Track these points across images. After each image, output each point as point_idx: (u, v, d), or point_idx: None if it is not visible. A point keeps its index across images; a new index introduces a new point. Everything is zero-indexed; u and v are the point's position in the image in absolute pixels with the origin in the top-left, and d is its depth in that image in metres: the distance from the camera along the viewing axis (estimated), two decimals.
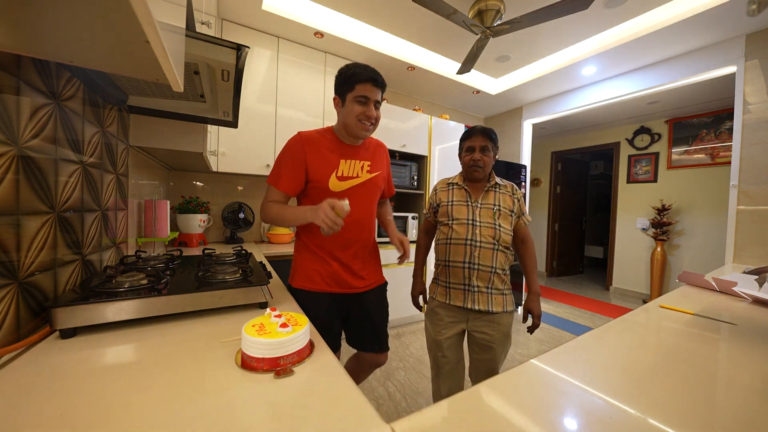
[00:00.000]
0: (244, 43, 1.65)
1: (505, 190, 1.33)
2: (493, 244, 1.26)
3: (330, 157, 1.17)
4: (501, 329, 1.28)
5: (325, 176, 1.15)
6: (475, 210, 1.30)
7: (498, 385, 0.56)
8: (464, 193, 1.34)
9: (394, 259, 2.76)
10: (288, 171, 1.15)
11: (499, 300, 1.28)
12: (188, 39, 0.88)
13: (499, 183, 1.35)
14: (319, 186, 1.16)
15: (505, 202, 1.31)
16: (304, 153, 1.14)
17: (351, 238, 1.20)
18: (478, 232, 1.27)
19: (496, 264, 1.26)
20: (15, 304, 0.64)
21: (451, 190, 1.38)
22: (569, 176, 5.51)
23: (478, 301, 1.27)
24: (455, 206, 1.33)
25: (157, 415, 0.44)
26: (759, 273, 1.25)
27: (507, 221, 1.29)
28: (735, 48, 2.35)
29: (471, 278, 1.27)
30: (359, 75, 1.10)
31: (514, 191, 1.34)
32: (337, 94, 1.17)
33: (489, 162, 1.30)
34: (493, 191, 1.32)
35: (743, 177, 2.29)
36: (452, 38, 2.64)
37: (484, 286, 1.27)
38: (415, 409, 1.81)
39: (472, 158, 1.30)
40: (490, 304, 1.27)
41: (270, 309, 0.69)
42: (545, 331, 3.03)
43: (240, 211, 2.54)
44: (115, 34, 0.49)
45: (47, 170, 0.74)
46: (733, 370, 0.66)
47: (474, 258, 1.26)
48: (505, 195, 1.32)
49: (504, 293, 1.29)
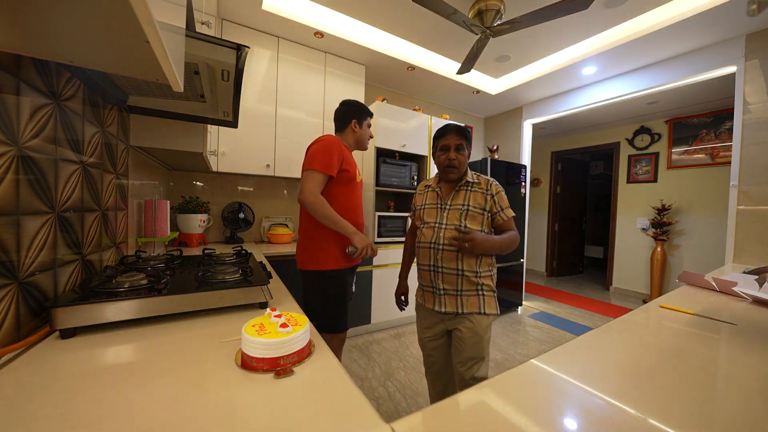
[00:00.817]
0: (244, 43, 1.65)
1: (478, 187, 1.27)
2: (456, 247, 1.21)
3: (352, 157, 1.56)
4: (473, 328, 1.23)
5: (354, 169, 1.54)
6: (443, 212, 1.29)
7: (498, 385, 0.56)
8: (435, 196, 1.34)
9: (394, 259, 2.80)
10: (336, 161, 1.43)
11: (472, 301, 1.23)
12: (188, 39, 0.88)
13: (471, 180, 1.28)
14: (350, 176, 1.49)
15: (475, 200, 1.25)
16: (342, 151, 1.46)
17: (360, 222, 1.57)
18: (442, 234, 1.25)
19: (464, 266, 1.22)
20: (15, 304, 0.64)
21: (426, 193, 1.39)
22: (569, 176, 5.51)
23: (445, 303, 1.26)
24: (426, 209, 1.35)
25: (157, 415, 0.44)
26: (759, 273, 1.25)
27: (475, 221, 1.23)
28: (735, 48, 2.35)
29: (437, 281, 1.26)
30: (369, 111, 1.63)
31: (488, 187, 1.26)
32: (356, 119, 1.59)
33: (464, 161, 1.27)
34: (464, 190, 1.28)
35: (743, 177, 2.29)
36: (452, 38, 2.64)
37: (452, 289, 1.24)
38: (415, 409, 1.81)
39: (447, 157, 1.26)
40: (460, 305, 1.24)
41: (270, 309, 0.69)
42: (545, 331, 3.03)
43: (240, 211, 2.54)
44: (115, 34, 0.49)
45: (47, 170, 0.74)
46: (733, 370, 0.66)
47: (437, 261, 1.25)
48: (477, 193, 1.26)
49: (480, 294, 1.24)
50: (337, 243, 1.46)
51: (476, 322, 1.23)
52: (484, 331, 1.23)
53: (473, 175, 1.31)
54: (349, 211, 1.49)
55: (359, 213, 1.57)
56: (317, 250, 1.46)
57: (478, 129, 4.53)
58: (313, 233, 1.47)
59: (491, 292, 1.27)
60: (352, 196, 1.53)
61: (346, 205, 1.48)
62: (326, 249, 1.45)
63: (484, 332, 1.24)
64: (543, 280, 5.22)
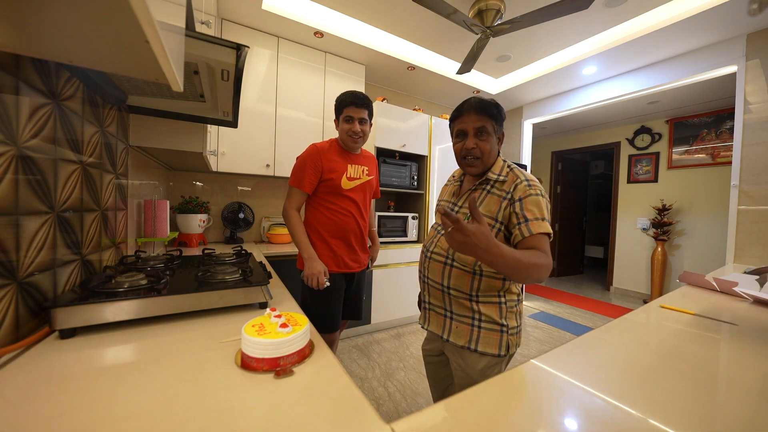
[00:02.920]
0: (244, 42, 1.65)
1: (499, 187, 0.92)
2: (444, 257, 0.97)
3: (340, 162, 1.49)
4: (464, 368, 0.94)
5: (338, 177, 1.46)
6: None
7: (498, 385, 0.56)
8: (452, 192, 1.09)
9: (394, 259, 2.80)
10: (309, 175, 1.43)
11: (462, 330, 0.94)
12: (188, 39, 0.88)
13: (493, 178, 0.94)
14: (333, 184, 1.46)
15: (488, 205, 0.92)
16: (320, 160, 1.44)
17: (354, 225, 1.52)
18: (436, 241, 1.02)
19: (449, 282, 0.95)
20: (14, 304, 0.63)
21: (450, 185, 1.14)
22: (569, 176, 5.51)
23: (429, 320, 1.05)
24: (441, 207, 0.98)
25: (156, 415, 0.44)
26: (760, 273, 1.25)
27: None
28: (736, 47, 2.35)
29: (423, 291, 1.08)
30: (344, 100, 1.46)
31: (513, 188, 0.89)
32: (336, 117, 1.52)
33: (489, 149, 0.92)
34: (481, 190, 0.96)
35: (744, 177, 2.28)
36: (452, 38, 2.64)
37: (439, 307, 1.00)
38: (415, 409, 1.81)
39: (463, 147, 0.94)
40: (446, 331, 0.97)
41: (270, 309, 0.69)
42: (545, 331, 3.02)
43: (240, 211, 2.54)
44: (114, 33, 0.49)
45: (46, 170, 0.74)
46: (733, 371, 0.66)
47: (425, 269, 1.04)
48: (494, 195, 0.92)
49: (476, 325, 0.92)
50: (320, 247, 1.47)
51: (467, 362, 0.94)
52: (477, 375, 0.92)
53: (502, 169, 0.95)
54: (338, 222, 1.47)
55: (352, 222, 1.51)
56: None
57: None
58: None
59: (493, 326, 0.91)
60: (344, 204, 1.49)
61: (334, 217, 1.47)
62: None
63: (478, 377, 0.91)
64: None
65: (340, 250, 1.50)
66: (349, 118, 1.45)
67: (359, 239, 1.56)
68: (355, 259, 1.56)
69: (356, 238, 1.54)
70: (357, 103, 1.44)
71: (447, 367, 1.10)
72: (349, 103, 1.45)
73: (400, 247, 2.87)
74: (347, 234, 1.50)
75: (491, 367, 0.92)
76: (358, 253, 1.57)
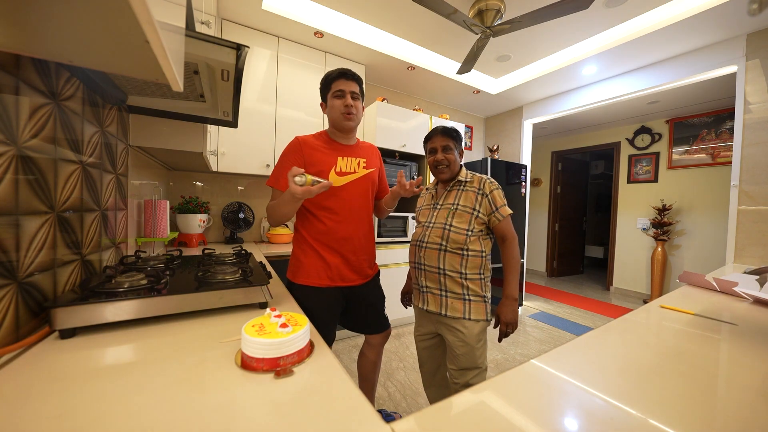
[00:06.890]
0: (244, 42, 1.65)
1: (470, 186, 1.25)
2: (439, 244, 1.22)
3: (328, 155, 1.26)
4: (462, 338, 1.19)
5: (324, 172, 1.24)
6: (435, 212, 1.31)
7: (498, 385, 0.56)
8: (430, 197, 1.38)
9: (394, 259, 2.80)
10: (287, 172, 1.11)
11: (457, 305, 1.20)
12: (188, 39, 0.88)
13: (463, 180, 1.28)
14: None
15: (466, 199, 1.24)
16: (302, 154, 1.23)
17: (350, 231, 1.27)
18: (428, 233, 1.27)
19: (445, 266, 1.21)
20: (14, 305, 0.63)
21: (425, 195, 1.44)
22: (569, 176, 5.51)
23: (428, 301, 1.27)
24: (422, 210, 1.39)
25: (156, 415, 0.44)
26: (760, 273, 1.25)
27: (462, 220, 1.21)
28: (736, 47, 2.35)
29: (420, 278, 1.30)
30: (331, 74, 1.26)
31: (481, 186, 1.23)
32: (322, 100, 1.31)
33: (453, 160, 1.27)
34: (456, 190, 1.28)
35: (744, 177, 2.28)
36: (452, 38, 2.64)
37: (436, 288, 1.24)
38: (415, 409, 1.81)
39: (435, 159, 1.28)
40: (443, 307, 1.22)
41: (270, 309, 0.69)
42: (545, 331, 3.02)
43: (240, 211, 2.54)
44: (114, 33, 0.49)
45: (46, 170, 0.74)
46: (733, 371, 0.66)
47: (420, 258, 1.28)
48: (468, 192, 1.25)
49: (467, 299, 1.20)
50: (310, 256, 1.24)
51: (465, 331, 1.19)
52: (474, 339, 1.19)
53: (467, 174, 1.30)
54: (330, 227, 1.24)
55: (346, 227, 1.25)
56: (294, 257, 1.30)
57: (479, 129, 4.53)
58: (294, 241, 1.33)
59: (478, 298, 1.21)
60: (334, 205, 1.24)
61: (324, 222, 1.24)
62: (300, 259, 1.26)
63: (475, 341, 1.19)
64: (543, 280, 5.21)
65: (334, 261, 1.24)
66: (340, 92, 1.23)
67: (358, 247, 1.28)
68: (356, 269, 1.29)
69: (353, 246, 1.27)
70: (346, 75, 1.24)
71: (439, 349, 1.37)
72: (337, 76, 1.24)
73: (400, 247, 2.87)
74: (340, 242, 1.24)
75: (483, 331, 1.23)
76: (360, 263, 1.30)
